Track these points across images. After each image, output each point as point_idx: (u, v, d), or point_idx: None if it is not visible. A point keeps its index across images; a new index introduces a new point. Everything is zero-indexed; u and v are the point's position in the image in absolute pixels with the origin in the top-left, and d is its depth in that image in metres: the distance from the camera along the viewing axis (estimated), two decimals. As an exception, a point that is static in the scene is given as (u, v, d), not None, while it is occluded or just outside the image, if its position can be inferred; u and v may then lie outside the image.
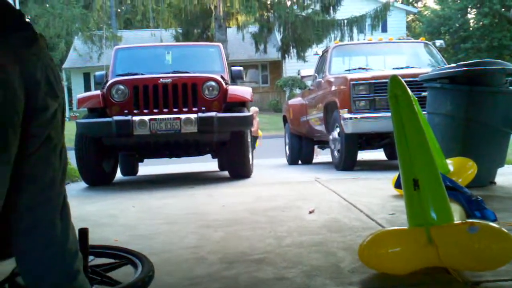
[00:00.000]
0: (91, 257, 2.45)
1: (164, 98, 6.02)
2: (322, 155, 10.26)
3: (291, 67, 26.68)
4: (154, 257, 2.58)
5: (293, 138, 9.61)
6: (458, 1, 32.53)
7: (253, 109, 9.48)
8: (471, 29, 32.03)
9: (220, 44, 8.63)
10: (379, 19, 24.54)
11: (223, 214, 4.11)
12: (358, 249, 2.39)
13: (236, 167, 6.62)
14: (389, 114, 2.42)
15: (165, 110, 6.00)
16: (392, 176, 4.69)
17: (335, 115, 7.19)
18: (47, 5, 27.76)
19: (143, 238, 3.35)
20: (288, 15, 23.68)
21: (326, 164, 8.54)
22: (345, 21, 24.27)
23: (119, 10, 31.04)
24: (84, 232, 2.40)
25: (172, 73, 6.58)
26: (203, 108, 6.00)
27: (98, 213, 4.40)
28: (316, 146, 9.59)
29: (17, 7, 6.36)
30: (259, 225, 3.61)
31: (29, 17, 28.75)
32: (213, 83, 6.14)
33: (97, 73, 7.62)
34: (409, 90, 2.39)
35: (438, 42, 8.78)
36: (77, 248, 1.67)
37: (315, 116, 8.29)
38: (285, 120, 10.28)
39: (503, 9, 28.95)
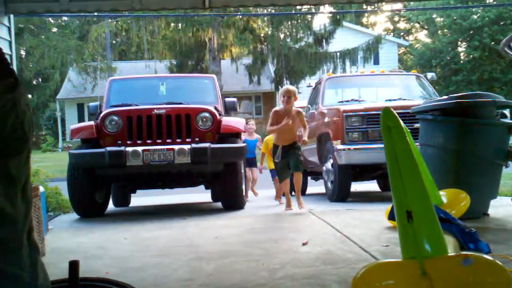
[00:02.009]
0: (81, 290, 2.41)
1: (157, 129, 6.03)
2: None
3: (285, 98, 26.88)
4: (145, 290, 2.55)
5: (287, 169, 9.59)
6: (449, 35, 33.07)
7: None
8: (461, 62, 32.47)
9: (214, 75, 8.69)
10: (371, 51, 24.84)
11: (216, 246, 4.07)
12: (352, 282, 2.37)
13: (229, 198, 6.59)
14: (382, 146, 2.43)
15: (158, 141, 6.00)
16: (386, 207, 4.68)
17: (328, 146, 7.21)
18: (43, 37, 27.97)
19: (135, 271, 3.31)
20: (282, 48, 23.94)
21: (320, 195, 8.53)
22: (338, 54, 24.54)
23: (114, 41, 31.31)
24: (74, 264, 2.37)
25: (166, 104, 6.60)
26: (197, 139, 6.00)
27: (90, 245, 4.35)
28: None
29: (13, 38, 6.40)
30: (252, 257, 3.58)
31: (24, 49, 28.97)
32: (206, 114, 6.16)
33: (91, 104, 7.64)
34: (401, 122, 2.41)
35: (430, 75, 8.88)
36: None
37: (308, 147, 8.31)
38: (278, 151, 10.28)
39: (492, 43, 29.44)
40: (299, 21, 24.34)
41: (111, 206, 7.51)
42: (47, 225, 5.14)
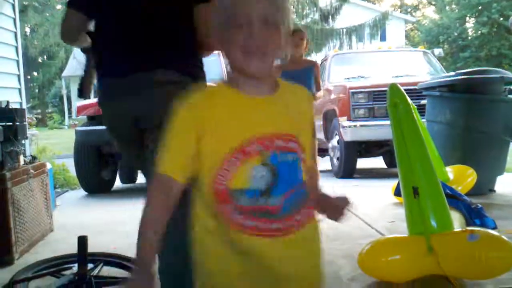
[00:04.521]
0: (90, 265, 2.45)
1: (163, 106, 6.02)
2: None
3: (290, 75, 26.72)
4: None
5: (292, 146, 9.59)
6: (457, 10, 32.66)
7: None
8: (469, 38, 32.10)
9: (219, 52, 8.64)
10: (378, 28, 24.56)
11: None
12: (358, 257, 2.39)
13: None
14: (388, 122, 2.43)
15: (164, 117, 5.99)
16: (392, 183, 4.69)
17: (334, 123, 7.19)
18: (47, 14, 27.83)
19: (142, 246, 3.33)
20: (287, 24, 23.77)
21: (326, 172, 8.54)
22: (344, 30, 24.28)
23: (118, 18, 31.12)
24: (83, 239, 2.39)
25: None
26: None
27: (97, 221, 4.39)
28: None
29: (17, 15, 6.36)
30: (259, 233, 3.60)
31: (29, 26, 28.85)
32: (212, 91, 6.14)
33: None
34: (408, 98, 2.39)
35: (437, 51, 8.80)
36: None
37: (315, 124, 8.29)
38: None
39: (501, 18, 29.05)
40: (305, -3, 24.07)
41: (118, 182, 7.55)
42: (55, 202, 5.18)
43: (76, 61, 28.30)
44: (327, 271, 2.57)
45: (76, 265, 2.40)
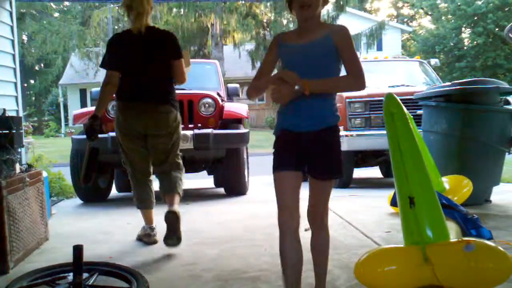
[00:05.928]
0: (85, 274, 2.44)
1: (160, 115, 6.03)
2: None
3: (287, 84, 26.72)
4: (148, 274, 2.57)
5: (289, 155, 9.57)
6: (453, 21, 32.83)
7: None
8: (465, 48, 32.27)
9: (216, 61, 8.65)
10: (375, 37, 24.73)
11: (219, 231, 4.09)
12: (354, 267, 2.38)
13: (232, 184, 6.60)
14: (385, 132, 2.43)
15: (161, 126, 6.00)
16: (388, 193, 4.69)
17: (331, 132, 7.20)
18: (44, 22, 27.88)
19: (138, 255, 3.33)
20: (284, 33, 23.85)
21: (322, 181, 8.53)
22: (341, 40, 24.43)
23: (116, 27, 31.18)
24: (78, 248, 2.38)
25: (169, 89, 6.58)
26: (199, 125, 6.00)
27: (93, 230, 4.38)
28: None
29: (15, 23, 6.37)
30: (255, 242, 3.60)
31: (26, 34, 28.87)
32: (209, 100, 6.15)
33: (93, 89, 7.61)
34: (404, 108, 2.40)
35: (433, 61, 8.84)
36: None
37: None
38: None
39: (497, 29, 29.23)
40: (302, 6, 24.16)
41: (114, 191, 7.53)
42: (51, 210, 5.17)
43: (73, 69, 28.36)
44: (323, 281, 2.56)
45: (71, 274, 2.39)
